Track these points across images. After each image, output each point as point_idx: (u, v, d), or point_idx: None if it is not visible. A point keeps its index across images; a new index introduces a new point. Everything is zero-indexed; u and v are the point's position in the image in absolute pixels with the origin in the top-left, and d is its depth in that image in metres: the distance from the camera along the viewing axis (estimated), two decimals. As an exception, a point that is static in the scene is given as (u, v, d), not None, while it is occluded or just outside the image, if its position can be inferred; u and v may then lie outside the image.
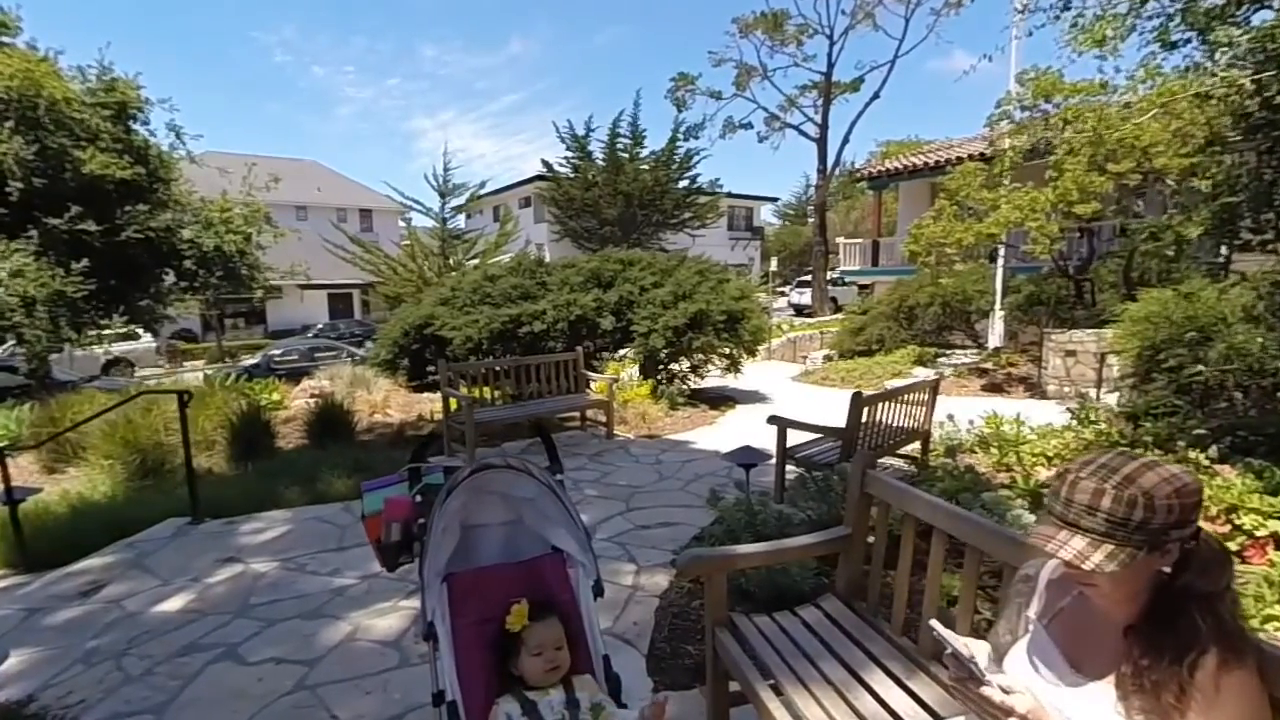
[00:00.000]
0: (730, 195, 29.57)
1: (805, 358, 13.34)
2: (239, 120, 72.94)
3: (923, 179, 15.85)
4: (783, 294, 27.93)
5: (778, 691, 1.61)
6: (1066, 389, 8.29)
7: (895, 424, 4.45)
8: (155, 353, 19.20)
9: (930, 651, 1.71)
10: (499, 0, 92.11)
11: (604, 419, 6.39)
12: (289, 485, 4.78)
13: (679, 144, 24.58)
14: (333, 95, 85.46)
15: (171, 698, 2.35)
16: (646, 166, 24.37)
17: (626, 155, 24.34)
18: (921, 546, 1.84)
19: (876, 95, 21.99)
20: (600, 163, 24.50)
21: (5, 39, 10.46)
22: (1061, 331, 8.59)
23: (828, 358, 12.86)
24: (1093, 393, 7.47)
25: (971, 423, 5.36)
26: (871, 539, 2.07)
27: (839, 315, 19.41)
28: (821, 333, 15.45)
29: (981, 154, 11.70)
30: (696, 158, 25.03)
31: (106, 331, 11.09)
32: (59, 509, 4.70)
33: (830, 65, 22.52)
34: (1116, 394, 6.30)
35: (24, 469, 6.50)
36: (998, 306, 10.82)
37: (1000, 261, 10.54)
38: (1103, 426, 5.06)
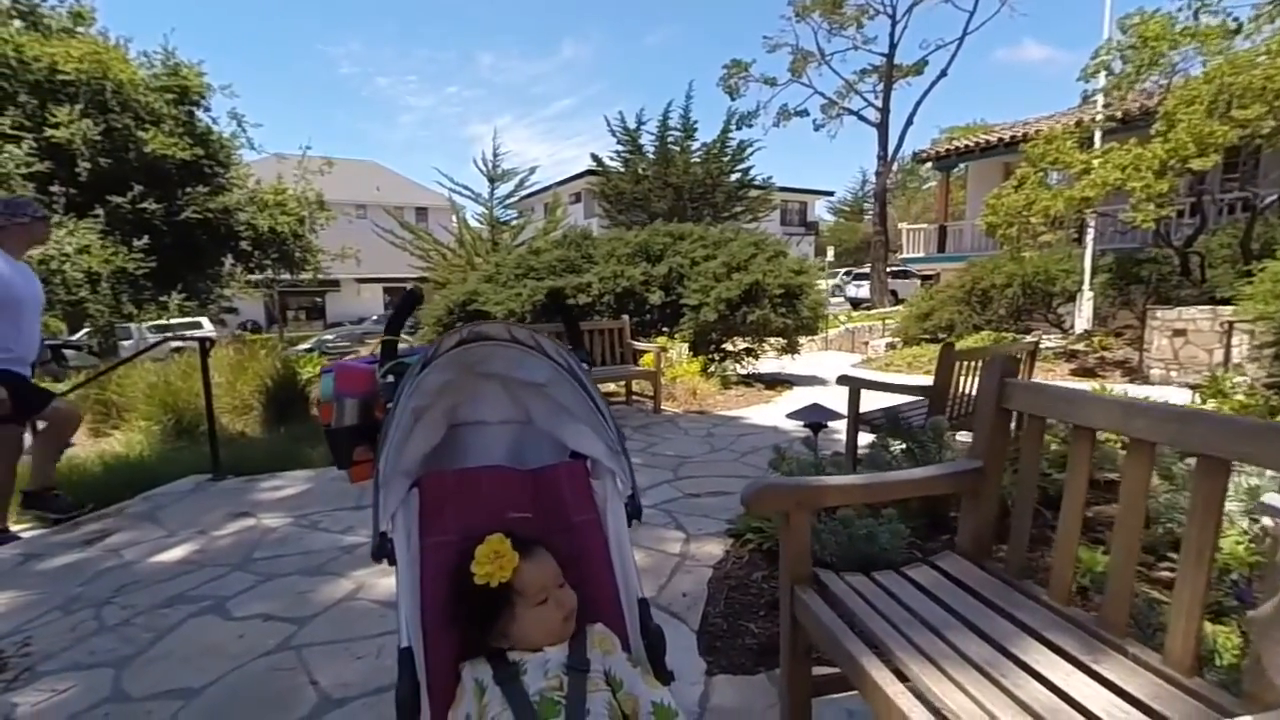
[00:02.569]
0: (783, 189, 28.62)
1: (866, 344, 12.54)
2: (305, 128, 76.37)
3: (995, 157, 14.74)
4: (839, 291, 26.79)
5: (900, 675, 1.10)
6: (1174, 372, 7.31)
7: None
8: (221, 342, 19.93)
9: (1122, 626, 1.16)
10: (552, 6, 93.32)
11: (651, 393, 5.92)
12: (316, 446, 4.53)
13: (731, 134, 23.86)
14: (396, 104, 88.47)
15: (139, 651, 2.01)
16: (697, 159, 23.74)
17: (677, 148, 23.77)
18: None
19: (944, 73, 20.82)
20: (650, 156, 24.04)
21: (80, 29, 10.90)
22: (1169, 308, 7.59)
23: (890, 345, 12.02)
24: (1209, 373, 6.51)
25: (1075, 396, 4.62)
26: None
27: (899, 308, 18.35)
28: (884, 323, 14.55)
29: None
30: (749, 149, 24.25)
31: (170, 320, 11.32)
32: (92, 466, 4.59)
33: (892, 46, 21.46)
34: (1253, 368, 5.40)
35: (79, 437, 6.56)
36: (1086, 286, 9.78)
37: (1091, 235, 9.51)
38: (1241, 398, 4.24)
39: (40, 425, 3.39)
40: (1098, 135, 8.82)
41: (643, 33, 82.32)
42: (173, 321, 11.35)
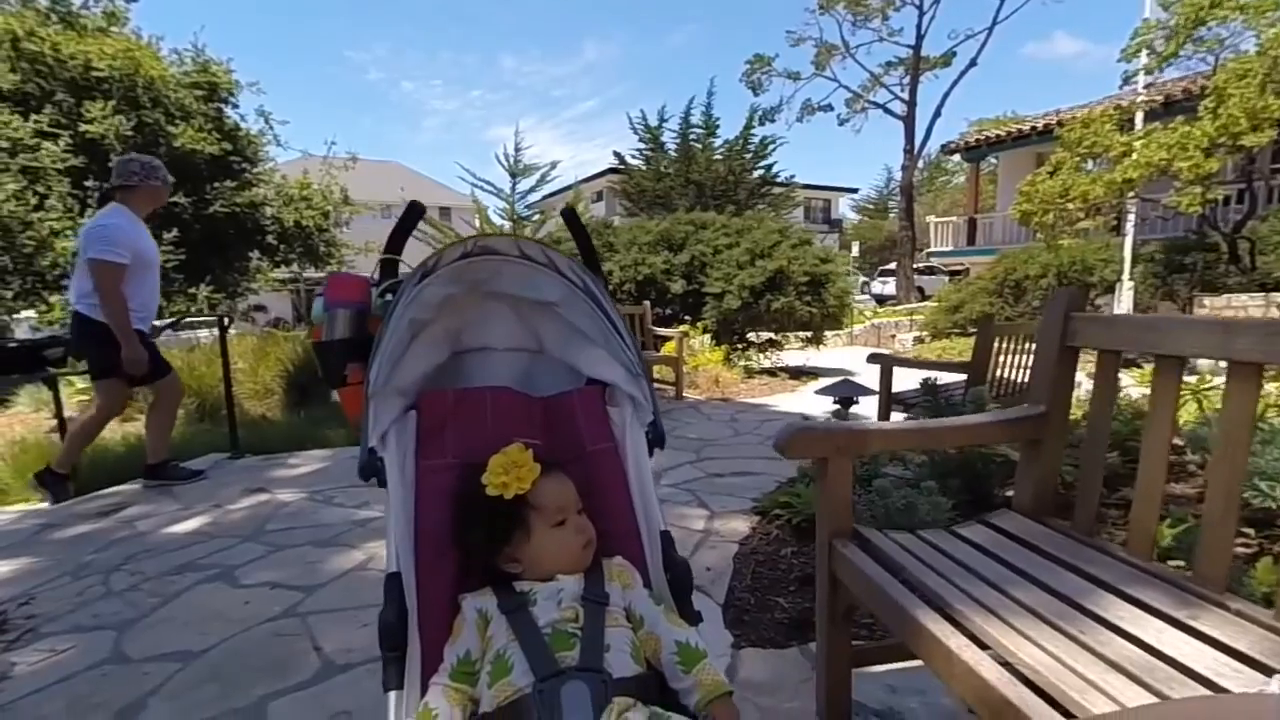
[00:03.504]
0: (806, 186, 28.23)
1: (893, 338, 12.25)
2: (334, 133, 77.80)
3: (1028, 147, 14.30)
4: (865, 287, 26.32)
5: (962, 631, 0.96)
6: (1224, 363, 6.96)
7: (1025, 380, 3.60)
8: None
9: (1221, 580, 1.01)
10: (573, 8, 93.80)
11: (672, 379, 5.79)
12: (336, 428, 4.50)
13: (754, 130, 23.56)
14: (421, 108, 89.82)
15: (142, 615, 1.95)
16: (719, 156, 23.48)
17: (699, 145, 23.54)
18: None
19: (973, 62, 20.30)
20: (672, 153, 23.85)
21: (114, 29, 11.14)
22: (1216, 296, 7.24)
23: (919, 339, 11.72)
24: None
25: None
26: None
27: (927, 304, 17.92)
28: (911, 318, 14.23)
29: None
30: (772, 145, 23.93)
31: (198, 317, 11.40)
32: (115, 446, 4.62)
33: (919, 37, 20.98)
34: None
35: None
36: (1126, 276, 9.38)
37: (1131, 222, 9.13)
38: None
39: (152, 398, 3.49)
40: (1139, 117, 8.46)
41: (665, 32, 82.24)
42: (197, 319, 11.47)
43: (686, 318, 7.68)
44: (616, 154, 24.75)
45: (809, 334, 8.10)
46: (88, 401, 4.08)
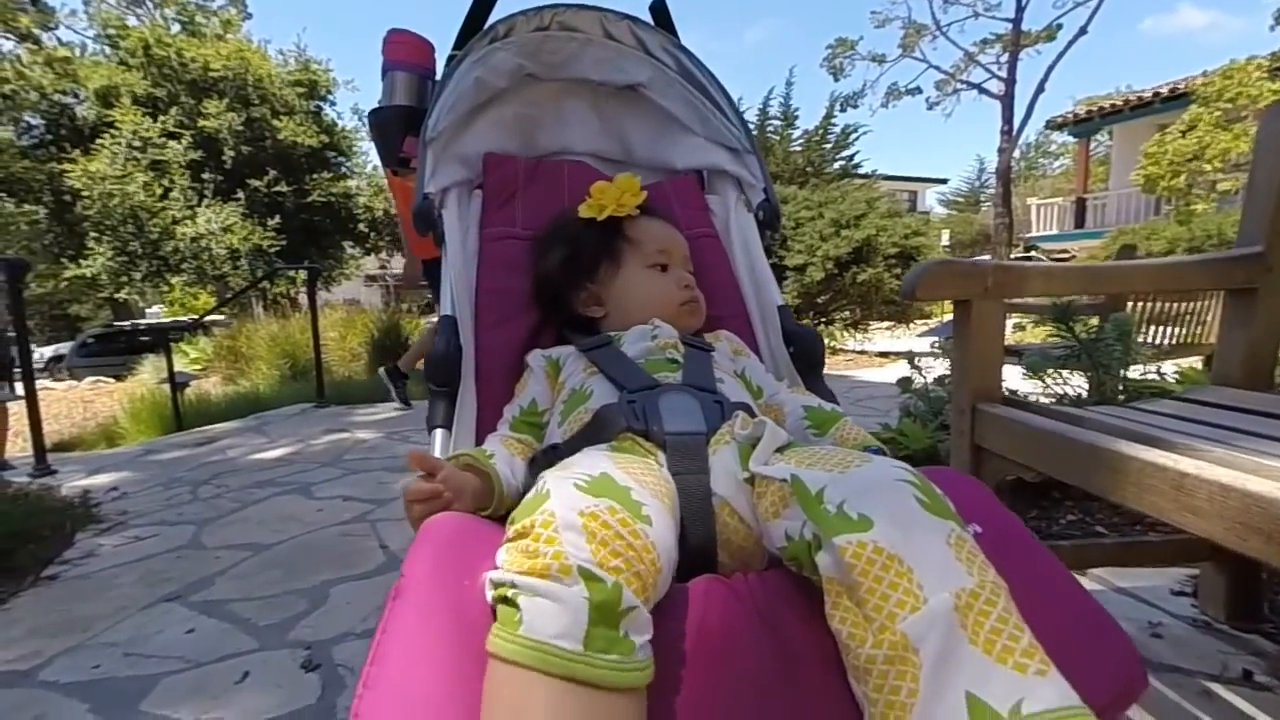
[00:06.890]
0: (890, 178, 26.89)
1: (990, 326, 11.32)
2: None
3: (1148, 117, 12.88)
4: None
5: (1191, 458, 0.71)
6: None
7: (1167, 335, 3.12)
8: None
9: None
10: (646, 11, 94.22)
11: (750, 350, 5.54)
12: (416, 384, 4.58)
13: (834, 119, 22.65)
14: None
15: (221, 515, 1.96)
16: (798, 147, 22.74)
17: (776, 137, 22.91)
18: None
19: (1083, 30, 18.60)
20: (748, 143, 23.28)
21: (229, 35, 12.09)
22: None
23: (1018, 326, 10.78)
24: None
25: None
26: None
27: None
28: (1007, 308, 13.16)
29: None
30: (854, 134, 22.92)
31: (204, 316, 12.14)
32: (217, 400, 4.91)
33: (1020, 9, 19.47)
34: None
35: (213, 384, 7.17)
36: (1276, 251, 8.21)
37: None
38: None
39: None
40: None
41: (742, 29, 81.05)
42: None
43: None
44: (691, 147, 24.50)
45: (893, 321, 7.65)
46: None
